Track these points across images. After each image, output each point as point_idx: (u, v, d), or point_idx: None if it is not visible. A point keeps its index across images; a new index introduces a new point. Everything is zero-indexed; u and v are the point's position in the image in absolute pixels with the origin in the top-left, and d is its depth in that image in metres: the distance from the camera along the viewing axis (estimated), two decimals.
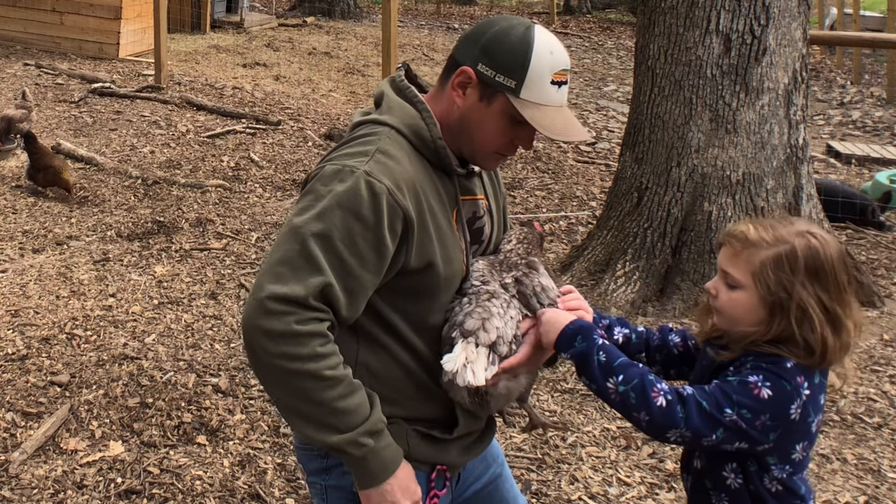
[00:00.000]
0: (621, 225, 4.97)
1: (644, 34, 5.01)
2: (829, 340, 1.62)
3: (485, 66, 1.67)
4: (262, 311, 1.56)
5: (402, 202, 1.62)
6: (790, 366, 1.62)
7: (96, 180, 6.36)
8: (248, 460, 3.30)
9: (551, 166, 7.36)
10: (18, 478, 3.14)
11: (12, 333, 4.14)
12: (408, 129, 1.72)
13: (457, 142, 1.76)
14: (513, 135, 1.72)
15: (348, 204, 1.59)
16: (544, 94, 1.67)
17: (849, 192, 6.20)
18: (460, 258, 1.75)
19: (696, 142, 4.74)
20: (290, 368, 1.57)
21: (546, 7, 18.55)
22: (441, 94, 1.77)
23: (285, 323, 1.55)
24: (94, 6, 10.28)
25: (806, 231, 1.66)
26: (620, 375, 1.63)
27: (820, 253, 1.64)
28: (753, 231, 1.68)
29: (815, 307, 1.61)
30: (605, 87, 11.41)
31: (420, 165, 1.71)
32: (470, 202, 1.82)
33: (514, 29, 1.68)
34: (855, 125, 9.71)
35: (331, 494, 1.82)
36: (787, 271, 1.63)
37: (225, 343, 4.17)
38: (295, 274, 1.57)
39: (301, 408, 1.61)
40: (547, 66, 1.66)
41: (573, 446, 3.47)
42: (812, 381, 1.63)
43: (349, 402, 1.60)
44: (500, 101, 1.68)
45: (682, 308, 4.64)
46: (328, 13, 15.94)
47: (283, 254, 1.60)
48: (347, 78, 10.79)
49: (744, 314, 1.67)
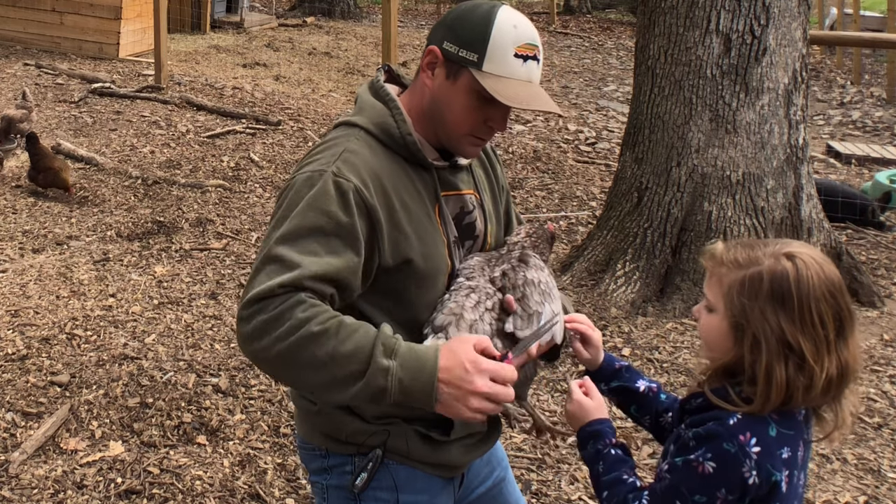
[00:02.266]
0: (621, 225, 4.97)
1: (644, 34, 5.01)
2: (778, 377, 1.44)
3: (449, 43, 1.67)
4: (238, 324, 1.56)
5: (370, 200, 1.62)
6: (733, 422, 1.46)
7: (96, 180, 6.36)
8: (248, 460, 3.30)
9: (551, 166, 7.36)
10: (18, 478, 3.14)
11: (12, 333, 4.14)
12: (376, 127, 1.71)
13: (432, 127, 1.73)
14: (484, 114, 1.69)
15: (317, 204, 1.59)
16: (507, 67, 1.64)
17: (849, 192, 6.20)
18: (443, 254, 1.73)
19: (696, 142, 4.74)
20: (282, 350, 1.51)
21: (546, 7, 18.55)
22: (416, 83, 1.76)
23: (254, 321, 1.53)
24: (94, 6, 10.28)
25: (784, 253, 1.50)
26: (606, 492, 1.61)
27: (788, 277, 1.46)
28: (724, 251, 1.57)
29: (773, 338, 1.45)
30: (605, 87, 11.41)
31: (392, 163, 1.70)
32: (455, 197, 1.79)
33: (479, 7, 1.68)
34: (855, 125, 9.71)
35: (331, 494, 1.80)
36: (748, 295, 1.49)
37: (225, 343, 4.17)
38: (266, 276, 1.55)
39: (320, 377, 1.52)
40: (509, 39, 1.65)
41: (573, 446, 3.47)
42: (764, 434, 1.46)
43: (351, 341, 1.51)
44: (465, 76, 1.66)
45: (682, 308, 4.64)
46: (328, 13, 15.94)
47: (255, 269, 1.59)
48: (347, 78, 10.79)
49: (714, 339, 1.55)
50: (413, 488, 1.77)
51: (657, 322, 4.53)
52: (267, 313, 1.52)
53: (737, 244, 1.58)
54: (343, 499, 1.78)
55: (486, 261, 1.79)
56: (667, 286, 4.77)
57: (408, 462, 1.76)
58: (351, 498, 1.75)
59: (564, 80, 11.63)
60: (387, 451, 1.74)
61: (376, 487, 1.74)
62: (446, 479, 1.83)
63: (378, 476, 1.74)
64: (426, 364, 1.51)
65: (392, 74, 1.87)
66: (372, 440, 1.74)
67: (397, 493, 1.76)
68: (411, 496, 1.77)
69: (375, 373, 1.49)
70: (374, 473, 1.73)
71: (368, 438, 1.74)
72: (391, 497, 1.76)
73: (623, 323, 4.49)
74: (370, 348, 1.51)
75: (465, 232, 1.81)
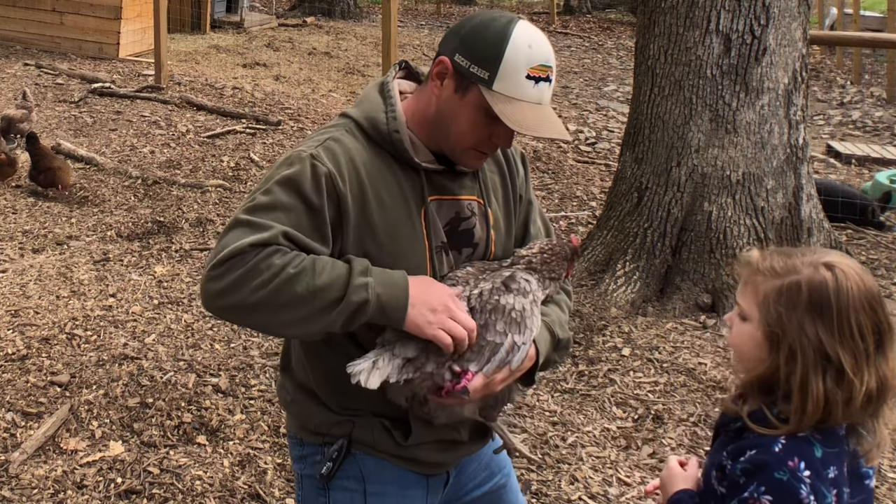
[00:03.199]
0: (621, 225, 4.97)
1: (644, 34, 5.01)
2: (814, 390, 1.40)
3: (461, 57, 1.64)
4: (208, 283, 1.56)
5: (341, 188, 1.63)
6: (778, 449, 1.43)
7: (96, 180, 6.36)
8: (248, 460, 3.30)
9: (551, 166, 7.36)
10: (18, 478, 3.14)
11: (12, 333, 4.14)
12: (367, 121, 1.71)
13: (436, 136, 1.72)
14: (490, 130, 1.67)
15: (291, 183, 1.61)
16: (518, 89, 1.62)
17: (849, 192, 6.20)
18: (421, 257, 1.70)
19: (696, 142, 4.74)
20: (262, 296, 1.53)
21: (546, 7, 18.55)
22: (425, 88, 1.74)
23: (229, 276, 1.54)
24: (94, 6, 10.28)
25: (823, 262, 1.46)
26: None
27: (829, 287, 1.43)
28: (761, 259, 1.53)
29: (809, 349, 1.42)
30: (605, 87, 11.41)
31: (376, 158, 1.69)
32: (450, 202, 1.76)
33: (496, 21, 1.64)
34: (855, 125, 9.71)
35: (305, 482, 1.84)
36: (786, 305, 1.45)
37: (225, 343, 4.17)
38: (235, 237, 1.57)
39: (297, 313, 1.55)
40: (523, 60, 1.61)
41: (573, 446, 3.47)
42: (811, 456, 1.42)
43: (329, 272, 1.56)
44: (474, 92, 1.64)
45: (682, 308, 4.64)
46: (328, 13, 15.94)
47: (224, 233, 1.60)
48: (347, 78, 10.79)
49: (748, 349, 1.51)
50: (380, 479, 1.78)
51: (657, 322, 4.53)
52: (242, 267, 1.54)
53: (774, 252, 1.54)
54: (314, 487, 1.81)
55: (478, 272, 1.74)
56: (667, 286, 4.77)
57: (375, 453, 1.76)
58: (320, 486, 1.78)
59: (564, 80, 11.63)
60: (353, 442, 1.76)
61: (343, 477, 1.77)
62: (422, 474, 1.82)
63: (345, 466, 1.76)
64: (397, 279, 1.60)
65: (411, 71, 1.85)
66: (338, 430, 1.76)
67: (364, 483, 1.77)
68: (378, 486, 1.78)
69: (355, 289, 1.55)
70: (341, 463, 1.75)
71: (334, 428, 1.76)
72: (358, 487, 1.77)
73: (623, 323, 4.49)
74: (347, 274, 1.57)
75: (459, 238, 1.78)
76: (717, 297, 4.64)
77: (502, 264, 1.78)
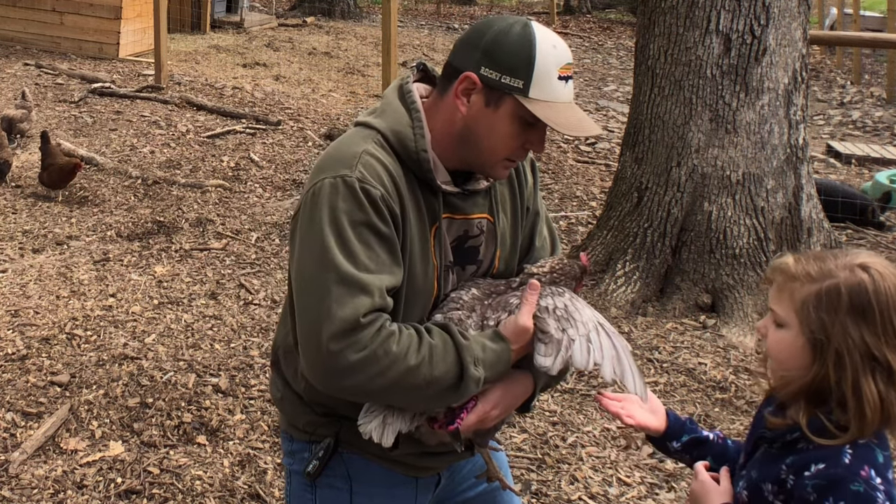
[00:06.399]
0: (621, 225, 4.97)
1: (644, 34, 5.01)
2: (868, 392, 1.40)
3: (488, 70, 1.60)
4: (326, 358, 1.54)
5: (394, 208, 1.60)
6: (848, 460, 1.41)
7: (96, 180, 6.36)
8: (248, 460, 3.30)
9: (551, 166, 7.36)
10: (18, 478, 3.14)
11: (12, 333, 4.14)
12: (394, 135, 1.66)
13: (461, 153, 1.68)
14: (524, 138, 1.65)
15: (355, 217, 1.57)
16: (553, 91, 1.61)
17: (849, 192, 6.19)
18: (430, 277, 1.69)
19: (696, 142, 4.74)
20: (382, 384, 1.54)
21: (546, 7, 18.55)
22: (440, 103, 1.69)
23: (349, 358, 1.53)
24: (94, 6, 10.28)
25: (858, 264, 1.46)
26: None
27: (868, 289, 1.43)
28: (795, 264, 1.51)
29: (856, 352, 1.41)
30: (605, 87, 11.41)
31: (404, 175, 1.65)
32: (461, 221, 1.74)
33: (513, 28, 1.62)
34: (855, 125, 9.71)
35: (293, 478, 1.85)
36: (827, 310, 1.43)
37: (225, 343, 4.17)
38: (339, 304, 1.53)
39: (414, 398, 1.59)
40: (552, 62, 1.60)
41: (573, 446, 3.47)
42: (877, 462, 1.41)
43: (443, 363, 1.57)
44: (509, 103, 1.61)
45: (682, 308, 4.64)
46: (328, 13, 15.93)
47: (319, 293, 1.55)
48: (347, 78, 10.79)
49: (788, 357, 1.49)
50: (367, 479, 1.78)
51: (657, 322, 4.53)
52: (360, 351, 1.52)
53: (806, 257, 1.53)
54: (301, 484, 1.82)
55: (484, 296, 1.72)
56: (667, 286, 4.77)
57: (363, 454, 1.76)
58: (307, 483, 1.79)
59: None
60: (340, 442, 1.76)
61: (330, 475, 1.77)
62: (411, 476, 1.81)
63: (332, 465, 1.76)
64: (502, 361, 1.63)
65: (427, 73, 1.81)
66: (324, 430, 1.76)
67: (350, 482, 1.77)
68: (365, 486, 1.78)
69: (469, 383, 1.59)
70: (327, 462, 1.75)
71: (321, 428, 1.77)
72: (345, 485, 1.78)
73: (623, 323, 4.49)
74: (460, 365, 1.58)
75: (464, 255, 1.77)
76: (717, 297, 4.64)
77: (511, 284, 1.75)
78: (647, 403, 1.77)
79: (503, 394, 1.68)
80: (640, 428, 1.79)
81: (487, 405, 1.66)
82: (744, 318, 4.51)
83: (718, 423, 3.63)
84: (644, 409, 1.79)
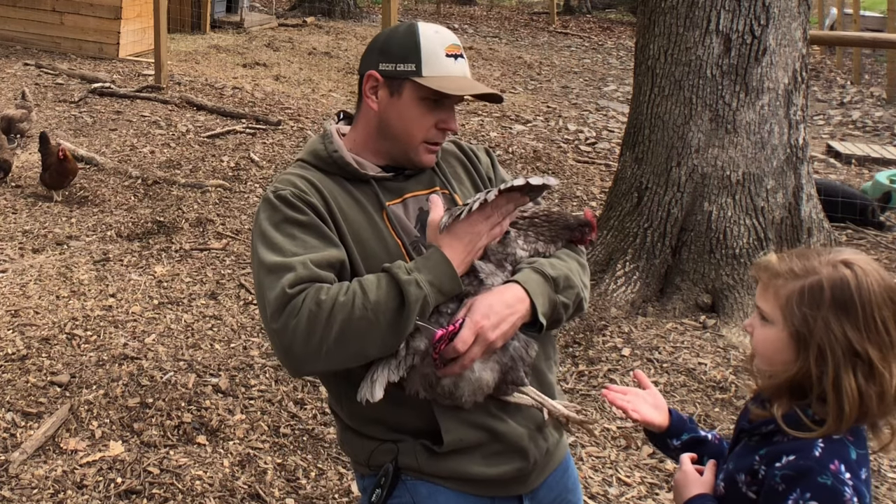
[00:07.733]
0: (621, 225, 4.97)
1: (644, 34, 5.01)
2: (848, 387, 1.41)
3: (385, 64, 1.81)
4: (278, 338, 1.61)
5: (308, 198, 1.73)
6: (819, 453, 1.42)
7: (96, 180, 6.36)
8: (248, 460, 3.30)
9: (551, 166, 7.36)
10: (18, 478, 3.14)
11: (12, 333, 4.14)
12: (309, 154, 1.85)
13: (385, 147, 1.84)
14: (434, 118, 1.80)
15: (274, 219, 1.72)
16: (444, 67, 1.78)
17: (849, 192, 6.19)
18: (395, 255, 1.75)
19: (696, 142, 4.74)
20: (336, 334, 1.59)
21: (546, 7, 18.55)
22: (360, 114, 1.88)
23: (291, 329, 1.59)
24: (94, 6, 10.28)
25: (841, 261, 1.47)
26: None
27: (851, 285, 1.44)
28: (779, 262, 1.53)
29: (838, 347, 1.42)
30: (605, 87, 11.41)
31: (330, 180, 1.80)
32: (412, 199, 1.86)
33: (399, 27, 1.84)
34: (855, 125, 9.71)
35: None
36: (810, 305, 1.45)
37: (225, 343, 4.17)
38: (270, 288, 1.64)
39: (375, 334, 1.60)
40: (438, 42, 1.80)
41: (573, 446, 3.47)
42: (848, 458, 1.43)
43: (373, 292, 1.61)
44: (409, 87, 1.78)
45: (682, 308, 4.64)
46: (328, 13, 15.94)
47: (258, 290, 1.69)
48: (347, 78, 10.79)
49: (774, 352, 1.51)
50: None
51: (657, 322, 4.53)
52: (297, 315, 1.59)
53: (790, 254, 1.55)
54: None
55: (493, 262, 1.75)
56: (667, 286, 4.77)
57: (425, 477, 1.74)
58: None
59: (564, 80, 11.63)
60: (400, 468, 1.75)
61: None
62: (485, 497, 1.78)
63: (396, 493, 1.75)
64: (434, 258, 1.67)
65: (350, 118, 1.98)
66: (383, 457, 1.77)
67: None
68: None
69: (410, 291, 1.61)
70: (390, 490, 1.74)
71: (379, 455, 1.77)
72: None
73: (623, 323, 4.49)
74: (393, 280, 1.62)
75: None
76: (717, 297, 4.64)
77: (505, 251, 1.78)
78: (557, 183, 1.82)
79: (491, 302, 1.65)
80: (645, 423, 1.80)
81: (477, 314, 1.63)
82: (744, 318, 4.51)
83: (718, 423, 3.62)
84: (649, 405, 1.81)
